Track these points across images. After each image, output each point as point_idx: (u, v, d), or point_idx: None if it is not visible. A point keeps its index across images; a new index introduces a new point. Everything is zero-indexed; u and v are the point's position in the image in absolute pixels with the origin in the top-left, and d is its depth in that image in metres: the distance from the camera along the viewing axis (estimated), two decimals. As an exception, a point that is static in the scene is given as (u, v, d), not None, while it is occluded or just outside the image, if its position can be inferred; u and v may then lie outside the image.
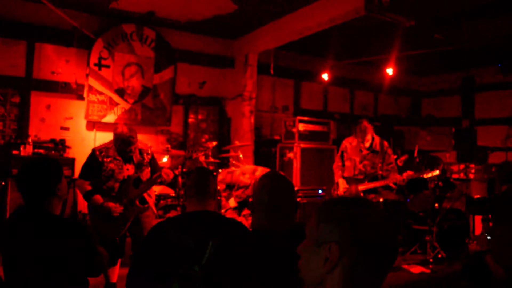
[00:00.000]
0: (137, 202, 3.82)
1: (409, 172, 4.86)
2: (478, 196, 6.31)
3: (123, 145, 3.79)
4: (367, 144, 5.04)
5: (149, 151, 4.06)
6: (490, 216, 5.90)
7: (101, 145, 3.97)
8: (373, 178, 5.04)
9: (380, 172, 5.02)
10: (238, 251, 2.15)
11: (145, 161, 3.97)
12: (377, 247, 1.07)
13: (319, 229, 1.12)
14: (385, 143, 5.17)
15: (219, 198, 5.36)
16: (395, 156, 5.18)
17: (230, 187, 5.22)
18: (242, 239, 2.22)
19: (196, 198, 2.34)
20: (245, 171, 5.73)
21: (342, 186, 5.16)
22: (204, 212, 2.31)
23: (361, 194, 4.99)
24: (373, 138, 5.07)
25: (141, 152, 3.97)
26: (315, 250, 1.11)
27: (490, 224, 5.91)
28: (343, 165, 5.39)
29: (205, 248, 2.09)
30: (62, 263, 2.15)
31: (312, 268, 1.12)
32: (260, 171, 5.76)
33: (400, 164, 6.66)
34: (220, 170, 6.19)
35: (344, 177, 5.29)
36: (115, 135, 3.84)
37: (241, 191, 5.11)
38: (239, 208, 5.29)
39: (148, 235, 2.31)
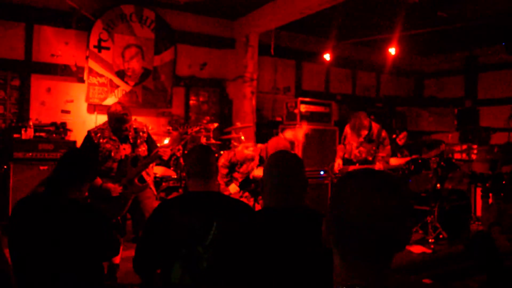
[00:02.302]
0: (136, 181, 3.83)
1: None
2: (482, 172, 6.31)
3: (118, 123, 3.77)
4: (361, 139, 5.04)
5: (145, 130, 4.05)
6: (491, 194, 5.91)
7: (96, 127, 3.97)
8: (363, 162, 5.07)
9: (370, 159, 5.04)
10: (242, 231, 2.15)
11: (141, 139, 3.96)
12: (344, 225, 1.04)
13: None
14: (383, 133, 5.12)
15: (217, 183, 5.34)
16: (389, 147, 5.16)
17: (231, 169, 5.20)
18: (246, 220, 2.22)
19: (199, 177, 2.33)
20: (246, 145, 5.70)
21: (337, 165, 5.20)
22: (208, 193, 2.30)
23: None
24: (370, 128, 5.03)
25: (136, 131, 3.95)
26: None
27: (490, 201, 5.93)
28: (345, 147, 5.46)
29: (209, 229, 2.10)
30: (83, 247, 2.17)
31: None
32: (260, 144, 5.73)
33: (400, 142, 6.63)
34: (222, 152, 6.19)
35: (344, 158, 5.32)
36: (109, 114, 3.83)
37: (246, 166, 5.07)
38: (240, 191, 5.28)
39: (152, 215, 2.32)
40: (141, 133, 3.99)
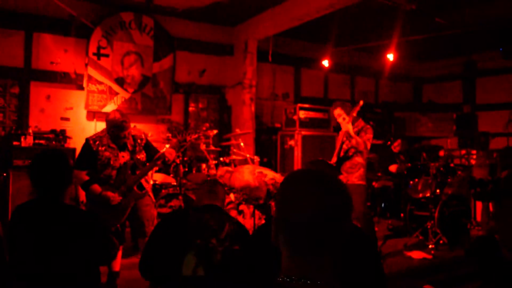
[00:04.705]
0: (135, 188, 3.82)
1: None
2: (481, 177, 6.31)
3: (116, 130, 3.77)
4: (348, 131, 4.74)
5: (143, 137, 4.05)
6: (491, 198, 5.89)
7: (94, 134, 3.95)
8: (344, 158, 4.90)
9: (350, 154, 4.87)
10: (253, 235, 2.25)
11: (139, 146, 3.96)
12: (289, 225, 1.09)
13: None
14: (368, 132, 4.81)
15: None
16: (362, 140, 4.87)
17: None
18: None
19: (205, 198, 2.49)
20: (242, 172, 5.65)
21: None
22: (210, 206, 2.42)
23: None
24: (355, 120, 4.79)
25: (134, 138, 3.95)
26: None
27: (491, 206, 5.92)
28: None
29: (223, 227, 2.17)
30: (79, 252, 2.18)
31: None
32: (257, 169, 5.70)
33: (395, 150, 6.63)
34: (221, 159, 6.20)
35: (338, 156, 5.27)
36: (108, 122, 3.82)
37: (239, 194, 5.09)
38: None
39: (155, 228, 2.41)
40: (139, 140, 3.99)
